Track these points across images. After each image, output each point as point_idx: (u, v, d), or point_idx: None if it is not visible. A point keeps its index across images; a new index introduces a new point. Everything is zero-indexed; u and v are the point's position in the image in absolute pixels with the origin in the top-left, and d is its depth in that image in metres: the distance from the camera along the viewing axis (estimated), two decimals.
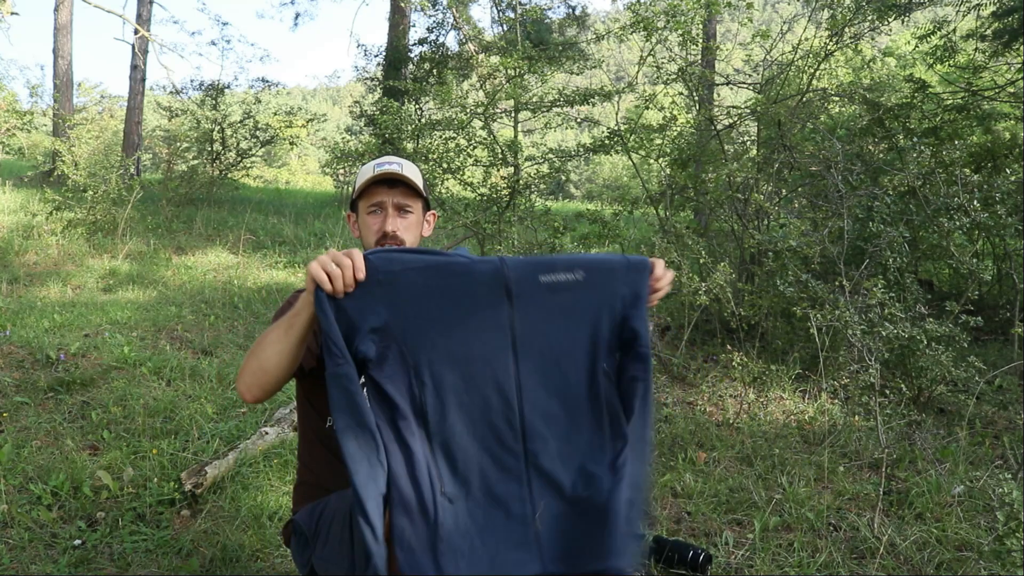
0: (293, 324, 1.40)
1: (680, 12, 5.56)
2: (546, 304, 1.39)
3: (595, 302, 1.42)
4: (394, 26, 14.37)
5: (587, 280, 1.41)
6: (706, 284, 4.59)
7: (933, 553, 2.57)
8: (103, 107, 24.39)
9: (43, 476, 2.85)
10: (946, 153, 5.04)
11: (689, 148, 6.00)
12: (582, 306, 1.41)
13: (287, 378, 1.47)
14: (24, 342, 4.47)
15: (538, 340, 1.39)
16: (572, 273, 1.40)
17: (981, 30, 7.57)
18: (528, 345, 1.38)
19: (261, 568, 2.40)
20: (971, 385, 3.99)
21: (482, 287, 1.36)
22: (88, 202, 8.63)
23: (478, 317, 1.35)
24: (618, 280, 1.43)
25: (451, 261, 1.36)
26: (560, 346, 1.40)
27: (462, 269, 1.36)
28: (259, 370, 1.44)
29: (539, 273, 1.39)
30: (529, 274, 1.38)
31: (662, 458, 3.42)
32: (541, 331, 1.39)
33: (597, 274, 1.42)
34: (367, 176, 1.75)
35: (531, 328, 1.38)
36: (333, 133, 20.46)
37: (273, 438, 3.28)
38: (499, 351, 1.37)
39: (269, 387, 1.46)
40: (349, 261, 1.29)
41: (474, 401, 1.35)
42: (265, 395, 1.47)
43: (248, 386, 1.46)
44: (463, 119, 6.37)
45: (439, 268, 1.35)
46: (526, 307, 1.38)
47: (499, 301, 1.36)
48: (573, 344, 1.41)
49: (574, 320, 1.41)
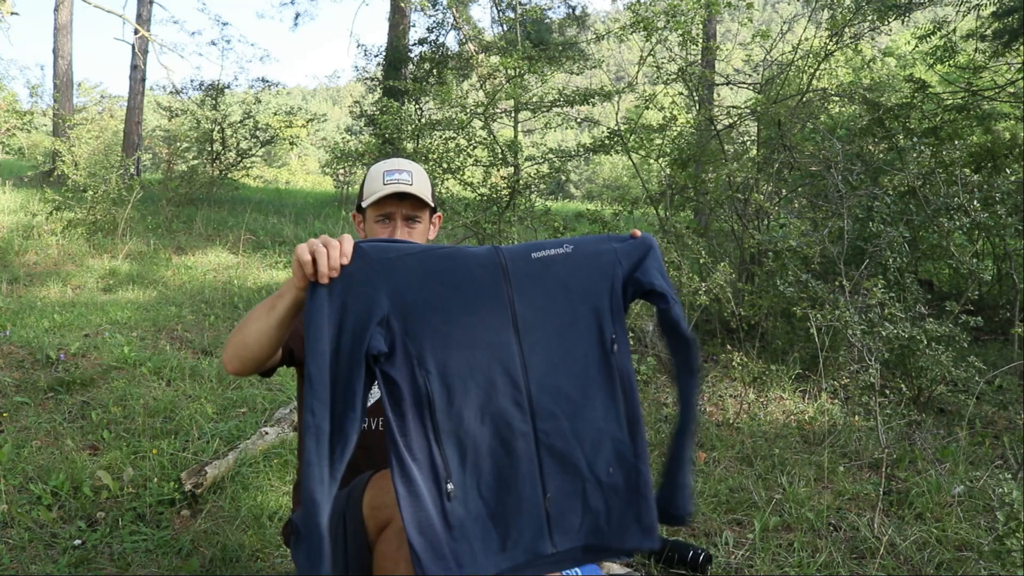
0: (276, 305, 1.40)
1: (680, 12, 5.56)
2: (542, 280, 1.39)
3: (589, 271, 1.42)
4: (394, 26, 14.37)
5: (576, 252, 1.42)
6: (706, 284, 4.59)
7: (933, 553, 2.57)
8: (103, 107, 24.39)
9: (43, 476, 2.85)
10: (946, 153, 5.04)
11: (689, 148, 6.00)
12: (577, 277, 1.41)
13: (269, 356, 1.48)
14: (24, 342, 4.47)
15: (539, 317, 1.38)
16: (561, 248, 1.41)
17: (981, 30, 7.57)
18: (529, 323, 1.37)
19: (261, 568, 2.40)
20: (971, 385, 3.99)
21: (479, 268, 1.35)
22: (88, 202, 8.63)
23: (478, 299, 1.35)
24: (604, 250, 1.45)
25: (445, 246, 1.37)
26: (562, 320, 1.39)
27: (457, 253, 1.36)
28: (241, 345, 1.45)
29: (531, 251, 1.40)
30: (522, 253, 1.39)
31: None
32: (540, 307, 1.38)
33: (584, 246, 1.43)
34: (379, 186, 1.73)
35: (530, 305, 1.38)
36: (333, 133, 20.46)
37: (273, 438, 3.28)
38: (501, 331, 1.35)
39: (250, 362, 1.47)
40: (336, 243, 1.29)
41: (480, 385, 1.33)
42: (247, 370, 1.49)
43: (230, 358, 1.48)
44: (463, 119, 6.37)
45: (434, 252, 1.35)
46: (523, 285, 1.37)
47: (496, 281, 1.36)
48: (575, 316, 1.40)
49: (572, 292, 1.41)
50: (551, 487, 1.36)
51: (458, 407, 1.31)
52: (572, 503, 1.37)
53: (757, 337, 5.01)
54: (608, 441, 1.41)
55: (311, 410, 1.24)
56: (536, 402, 1.36)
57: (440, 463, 1.29)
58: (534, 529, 1.35)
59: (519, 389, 1.35)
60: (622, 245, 1.47)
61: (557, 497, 1.36)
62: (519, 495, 1.34)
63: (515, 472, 1.34)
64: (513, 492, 1.34)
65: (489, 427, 1.33)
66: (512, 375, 1.35)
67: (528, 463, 1.35)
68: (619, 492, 1.40)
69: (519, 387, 1.35)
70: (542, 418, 1.36)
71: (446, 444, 1.30)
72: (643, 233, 1.50)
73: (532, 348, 1.37)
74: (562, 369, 1.39)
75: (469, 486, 1.31)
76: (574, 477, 1.38)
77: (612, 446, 1.41)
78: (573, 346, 1.40)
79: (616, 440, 1.41)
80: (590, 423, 1.39)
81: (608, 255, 1.44)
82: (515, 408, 1.35)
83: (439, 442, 1.30)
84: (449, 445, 1.30)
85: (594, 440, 1.39)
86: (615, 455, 1.41)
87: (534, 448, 1.35)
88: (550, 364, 1.38)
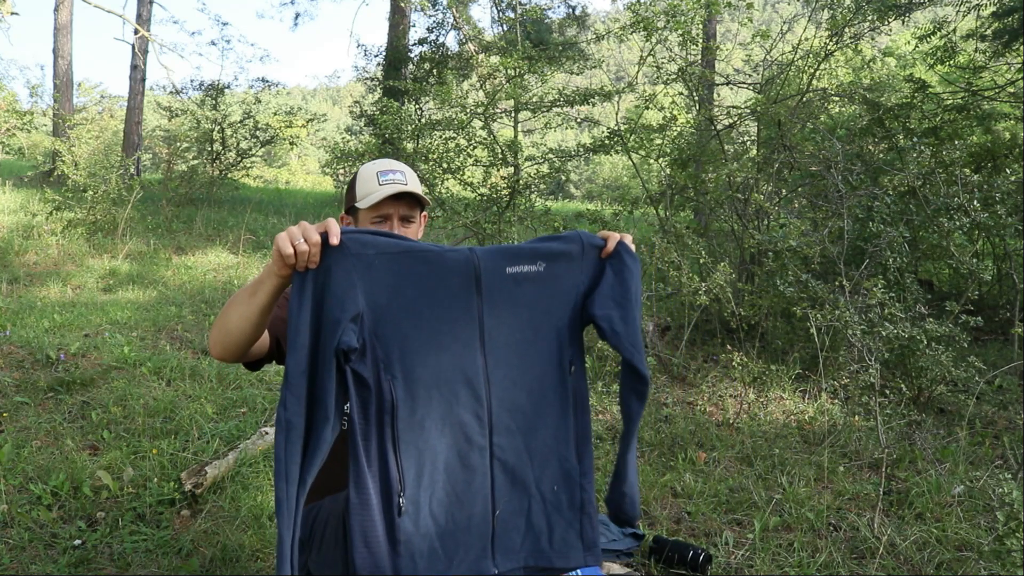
0: (256, 291, 1.38)
1: (680, 12, 5.56)
2: (512, 296, 1.38)
3: (556, 293, 1.42)
4: (394, 26, 14.37)
5: (547, 271, 1.41)
6: (706, 284, 4.59)
7: (933, 553, 2.57)
8: (103, 107, 24.37)
9: (43, 476, 2.85)
10: (946, 153, 5.04)
11: (689, 148, 6.00)
12: (545, 297, 1.41)
13: (252, 341, 1.46)
14: (24, 342, 4.47)
15: (504, 332, 1.38)
16: (535, 265, 1.40)
17: (981, 30, 7.57)
18: (495, 337, 1.37)
19: (261, 568, 2.40)
20: (971, 385, 3.99)
21: (454, 276, 1.34)
22: (88, 202, 8.63)
23: (449, 309, 1.34)
24: (575, 267, 1.44)
25: (423, 248, 1.34)
26: (524, 338, 1.40)
27: (434, 257, 1.34)
28: (224, 331, 1.45)
29: (506, 264, 1.38)
30: (497, 264, 1.37)
31: (662, 458, 3.42)
32: (507, 323, 1.38)
33: (556, 265, 1.42)
34: (374, 187, 1.72)
35: (498, 320, 1.37)
36: (333, 133, 20.47)
37: (273, 438, 3.28)
38: (468, 343, 1.35)
39: (233, 348, 1.46)
40: (317, 237, 1.26)
41: (443, 395, 1.33)
42: (230, 355, 1.48)
43: (214, 343, 1.48)
44: (463, 119, 6.36)
45: (412, 255, 1.32)
46: (494, 299, 1.37)
47: (469, 292, 1.35)
48: (536, 335, 1.41)
49: (538, 312, 1.41)
50: (500, 503, 1.37)
51: (420, 416, 1.31)
52: (516, 520, 1.39)
53: (757, 337, 5.01)
54: (556, 460, 1.43)
55: (284, 404, 1.22)
56: (495, 416, 1.37)
57: (395, 475, 1.29)
58: (479, 548, 1.35)
59: (480, 402, 1.36)
60: (584, 261, 1.45)
61: (504, 515, 1.37)
62: (470, 512, 1.34)
63: (468, 487, 1.35)
64: (465, 509, 1.34)
65: (448, 438, 1.34)
66: (475, 387, 1.35)
67: (482, 477, 1.36)
68: (563, 511, 1.42)
69: (480, 400, 1.36)
70: (499, 432, 1.37)
71: (404, 455, 1.30)
72: (616, 242, 1.47)
73: (496, 363, 1.37)
74: (521, 385, 1.40)
75: (422, 502, 1.31)
76: (522, 494, 1.39)
77: (559, 465, 1.43)
78: (533, 364, 1.41)
79: (563, 459, 1.43)
80: (541, 441, 1.41)
81: (574, 275, 1.44)
82: (475, 421, 1.35)
83: (397, 452, 1.30)
84: (407, 456, 1.30)
85: (543, 458, 1.41)
86: (561, 474, 1.43)
87: (488, 463, 1.37)
88: (511, 380, 1.39)
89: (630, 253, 1.46)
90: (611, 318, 1.41)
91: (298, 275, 1.26)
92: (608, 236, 1.48)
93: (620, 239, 1.47)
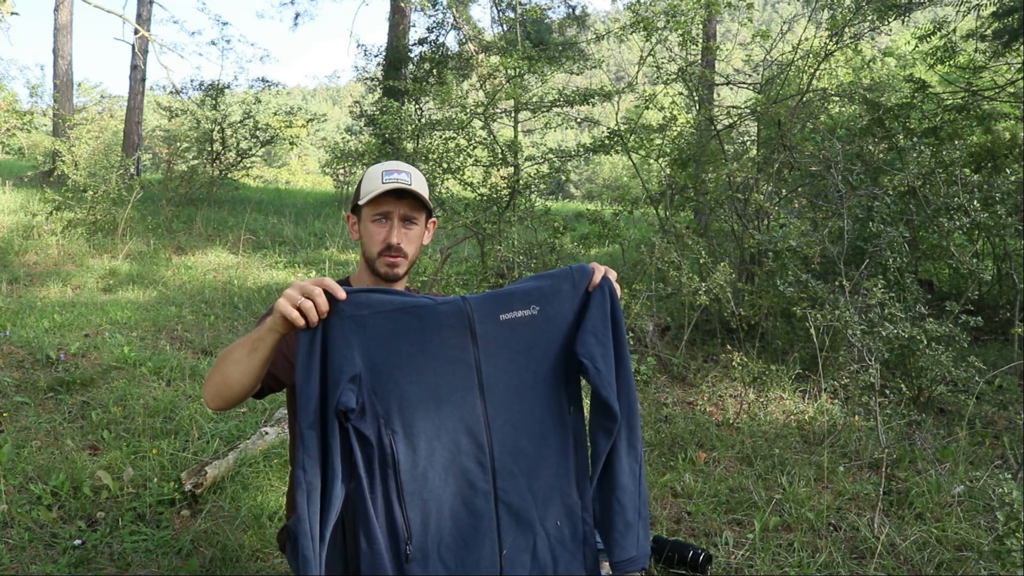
0: (257, 347, 1.39)
1: (680, 12, 5.55)
2: (508, 342, 1.42)
3: (552, 337, 1.46)
4: (394, 26, 14.36)
5: (542, 314, 1.44)
6: (706, 284, 4.59)
7: (933, 553, 2.58)
8: (103, 107, 24.33)
9: (43, 476, 2.85)
10: (946, 153, 5.04)
11: (689, 148, 6.00)
12: (541, 341, 1.45)
13: (249, 393, 1.49)
14: (24, 342, 4.47)
15: (503, 378, 1.41)
16: (528, 309, 1.44)
17: (981, 30, 7.57)
18: (494, 383, 1.40)
19: (261, 568, 2.40)
20: (971, 385, 3.99)
21: (447, 328, 1.37)
22: (88, 202, 8.63)
23: (445, 359, 1.37)
24: (567, 307, 1.47)
25: (417, 303, 1.36)
26: (523, 382, 1.43)
27: (427, 312, 1.36)
28: (222, 384, 1.46)
29: (499, 311, 1.41)
30: (490, 313, 1.41)
31: (662, 458, 3.42)
32: (505, 370, 1.41)
33: (550, 306, 1.45)
34: (376, 185, 1.70)
35: (496, 368, 1.40)
36: (333, 133, 20.47)
37: (273, 438, 3.28)
38: (467, 392, 1.39)
39: (231, 399, 1.48)
40: (319, 290, 1.28)
41: (445, 446, 1.37)
42: (228, 405, 1.50)
43: (211, 396, 1.49)
44: (463, 119, 6.36)
45: (406, 311, 1.35)
46: (490, 348, 1.40)
47: (464, 342, 1.38)
48: (535, 378, 1.44)
49: (535, 355, 1.44)
50: (506, 543, 1.40)
51: (423, 468, 1.35)
52: (523, 557, 1.42)
53: (757, 337, 5.01)
54: (558, 497, 1.47)
55: (302, 466, 1.26)
56: (498, 461, 1.40)
57: (402, 525, 1.33)
58: None
59: (483, 450, 1.39)
60: (575, 298, 1.47)
61: (511, 553, 1.41)
62: (479, 555, 1.38)
63: (475, 531, 1.38)
64: (473, 552, 1.38)
65: (452, 487, 1.37)
66: (476, 436, 1.39)
67: (488, 521, 1.39)
68: (566, 544, 1.47)
69: (483, 447, 1.39)
70: (502, 477, 1.41)
71: (409, 506, 1.33)
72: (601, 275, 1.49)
73: (496, 409, 1.40)
74: (522, 429, 1.43)
75: (430, 548, 1.35)
76: (527, 532, 1.43)
77: (561, 501, 1.47)
78: (533, 408, 1.44)
79: (565, 495, 1.48)
80: (544, 480, 1.45)
81: (567, 315, 1.47)
82: (478, 468, 1.39)
83: (402, 503, 1.33)
84: (412, 507, 1.34)
85: (546, 496, 1.45)
86: (564, 510, 1.47)
87: (493, 506, 1.40)
88: (512, 424, 1.42)
89: (612, 289, 1.49)
90: (593, 356, 1.45)
91: (303, 338, 1.29)
92: (595, 268, 1.51)
93: (604, 273, 1.50)
